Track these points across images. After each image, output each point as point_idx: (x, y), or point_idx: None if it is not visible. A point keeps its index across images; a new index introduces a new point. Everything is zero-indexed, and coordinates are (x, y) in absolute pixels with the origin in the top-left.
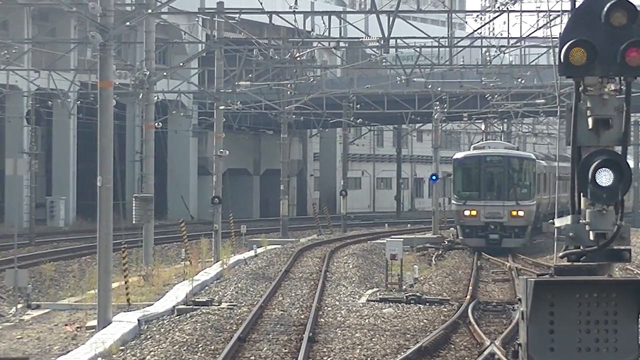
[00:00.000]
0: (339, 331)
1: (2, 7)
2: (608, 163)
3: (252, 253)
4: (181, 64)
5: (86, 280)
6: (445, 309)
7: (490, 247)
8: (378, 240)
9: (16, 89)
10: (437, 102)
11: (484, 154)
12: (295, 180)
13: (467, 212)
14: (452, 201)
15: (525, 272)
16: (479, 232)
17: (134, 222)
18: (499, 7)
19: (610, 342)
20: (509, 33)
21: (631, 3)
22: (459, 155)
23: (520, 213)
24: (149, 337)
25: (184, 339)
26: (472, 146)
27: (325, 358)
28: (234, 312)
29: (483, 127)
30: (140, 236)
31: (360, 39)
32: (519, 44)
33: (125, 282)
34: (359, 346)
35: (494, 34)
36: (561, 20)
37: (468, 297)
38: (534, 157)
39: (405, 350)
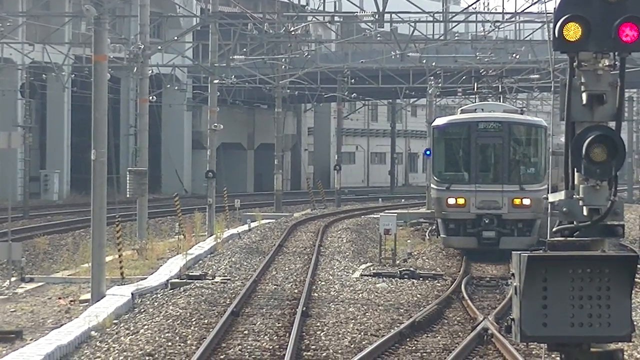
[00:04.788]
0: (333, 306)
1: None
2: (602, 139)
3: (245, 227)
4: (175, 38)
5: (80, 254)
6: (438, 284)
7: (483, 248)
8: (372, 215)
9: (10, 62)
10: (432, 77)
11: (475, 119)
12: (290, 154)
13: (451, 200)
14: (432, 185)
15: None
16: (469, 228)
17: (128, 195)
18: None
19: (603, 318)
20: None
21: None
22: (440, 121)
23: (526, 201)
24: (142, 310)
25: (178, 313)
26: (459, 109)
27: (318, 332)
28: (227, 286)
29: (475, 87)
30: (134, 210)
31: (355, 14)
32: (513, 19)
33: (119, 256)
34: (353, 320)
35: (488, 9)
36: None
37: (461, 272)
38: (545, 125)
39: (398, 324)
